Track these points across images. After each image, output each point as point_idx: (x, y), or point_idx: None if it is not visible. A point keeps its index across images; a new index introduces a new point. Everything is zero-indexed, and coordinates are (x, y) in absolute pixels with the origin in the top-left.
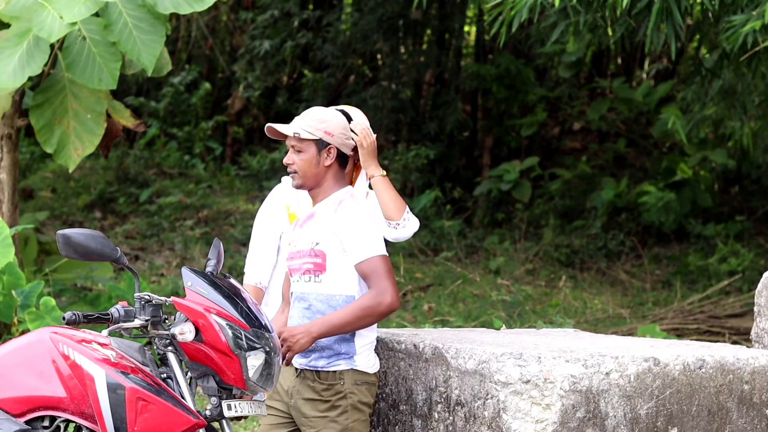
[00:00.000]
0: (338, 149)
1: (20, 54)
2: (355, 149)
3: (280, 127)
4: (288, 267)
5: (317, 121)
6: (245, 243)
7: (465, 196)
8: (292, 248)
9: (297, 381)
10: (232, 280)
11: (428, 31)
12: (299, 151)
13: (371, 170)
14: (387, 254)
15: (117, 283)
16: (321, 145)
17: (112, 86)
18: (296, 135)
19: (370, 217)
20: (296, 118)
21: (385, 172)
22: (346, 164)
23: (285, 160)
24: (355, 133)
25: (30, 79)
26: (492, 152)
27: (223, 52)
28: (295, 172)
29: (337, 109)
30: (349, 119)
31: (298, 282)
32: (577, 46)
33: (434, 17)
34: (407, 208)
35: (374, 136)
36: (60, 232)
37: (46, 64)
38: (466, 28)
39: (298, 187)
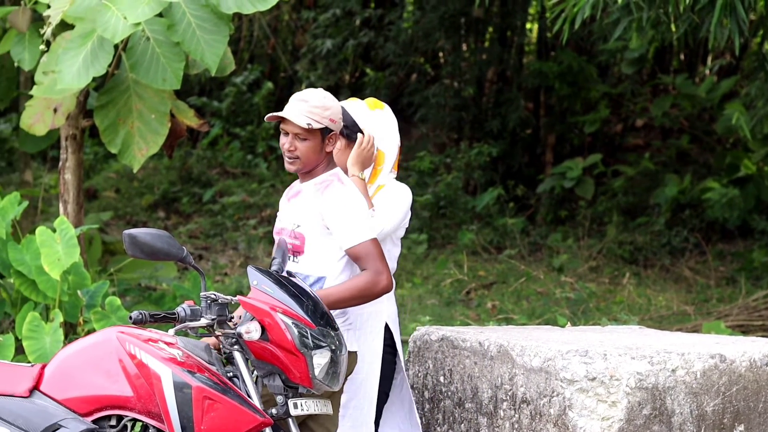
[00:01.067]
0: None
1: (84, 55)
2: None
3: (293, 117)
4: (276, 239)
5: (321, 109)
6: None
7: (528, 193)
8: (280, 223)
9: None
10: (297, 279)
11: (490, 29)
12: (304, 139)
13: (354, 170)
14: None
15: (181, 282)
16: (325, 132)
17: (176, 86)
18: (309, 126)
19: (359, 201)
20: (295, 105)
21: (364, 177)
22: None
23: (287, 146)
24: (361, 132)
25: (94, 79)
26: (555, 149)
27: (285, 51)
28: (297, 158)
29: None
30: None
31: None
32: (640, 42)
33: (496, 14)
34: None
35: (375, 150)
36: (126, 231)
37: (110, 65)
38: (528, 25)
39: (296, 170)
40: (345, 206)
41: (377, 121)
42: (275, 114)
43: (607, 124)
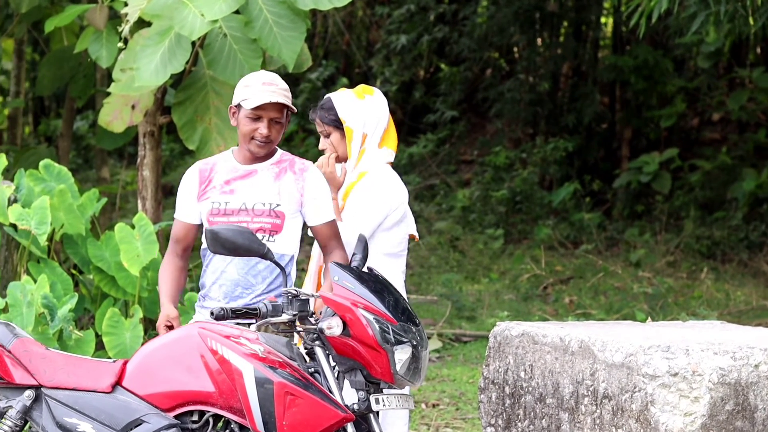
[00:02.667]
0: None
1: (162, 52)
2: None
3: (287, 102)
4: (227, 221)
5: (287, 91)
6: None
7: (604, 188)
8: (234, 203)
9: None
10: (378, 274)
11: (565, 23)
12: (278, 122)
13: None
14: None
15: None
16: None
17: None
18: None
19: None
20: (272, 89)
21: (334, 196)
22: None
23: (266, 132)
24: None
25: (172, 76)
26: (631, 144)
27: (359, 47)
28: (270, 142)
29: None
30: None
31: None
32: (717, 36)
33: (571, 9)
34: None
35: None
36: (208, 228)
37: (187, 62)
38: (603, 20)
39: (263, 154)
40: (324, 186)
41: (365, 109)
42: (277, 101)
43: (683, 118)
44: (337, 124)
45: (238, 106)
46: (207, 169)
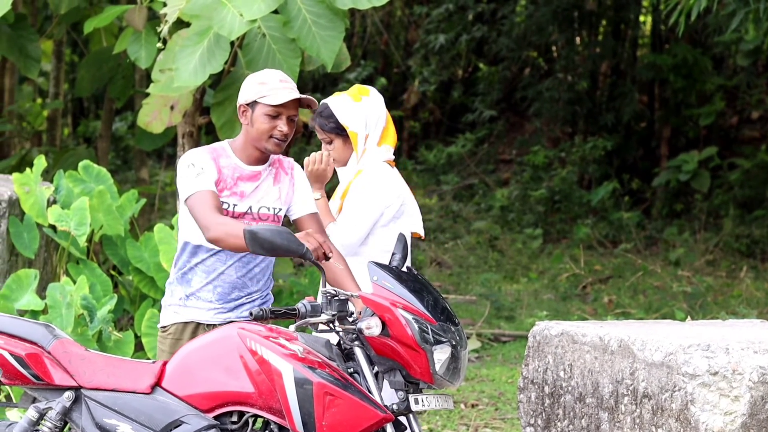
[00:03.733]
0: None
1: (201, 52)
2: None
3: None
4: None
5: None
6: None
7: (643, 187)
8: (255, 205)
9: None
10: (418, 274)
11: (603, 22)
12: (292, 121)
13: (312, 189)
14: None
15: (298, 278)
16: None
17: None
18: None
19: None
20: (290, 86)
21: (323, 196)
22: None
23: (286, 130)
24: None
25: (210, 77)
26: (670, 143)
27: (398, 46)
28: (286, 141)
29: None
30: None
31: None
32: (756, 33)
33: (609, 7)
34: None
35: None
36: (247, 228)
37: (226, 62)
38: (642, 18)
39: (278, 153)
40: (306, 180)
41: (364, 110)
42: (304, 96)
43: (722, 117)
44: (339, 131)
45: (252, 103)
46: (216, 159)
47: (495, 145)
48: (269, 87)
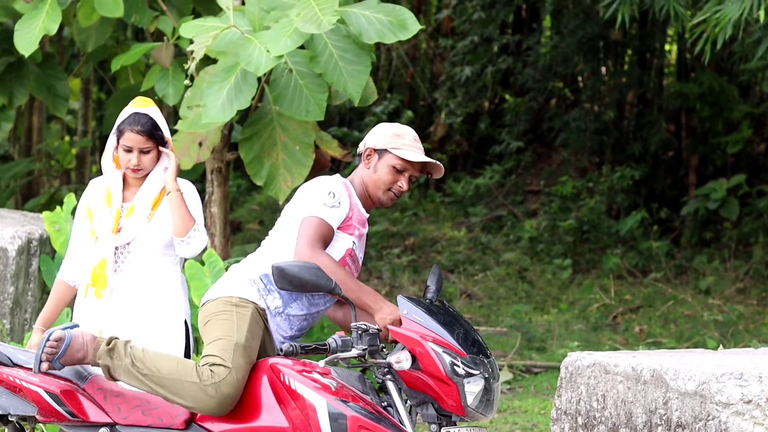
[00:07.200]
0: None
1: (228, 88)
2: None
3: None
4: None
5: None
6: (453, 269)
7: (672, 216)
8: (359, 252)
9: None
10: (449, 306)
11: (629, 51)
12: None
13: (175, 185)
14: None
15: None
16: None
17: (320, 117)
18: None
19: None
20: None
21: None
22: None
23: (405, 187)
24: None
25: (238, 112)
26: (698, 171)
27: (423, 79)
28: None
29: None
30: None
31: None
32: None
33: (635, 37)
34: (194, 226)
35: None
36: (275, 264)
37: (253, 98)
38: (667, 47)
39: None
40: None
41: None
42: (434, 161)
43: (750, 144)
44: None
45: (382, 151)
46: (351, 196)
47: (523, 176)
48: (404, 141)
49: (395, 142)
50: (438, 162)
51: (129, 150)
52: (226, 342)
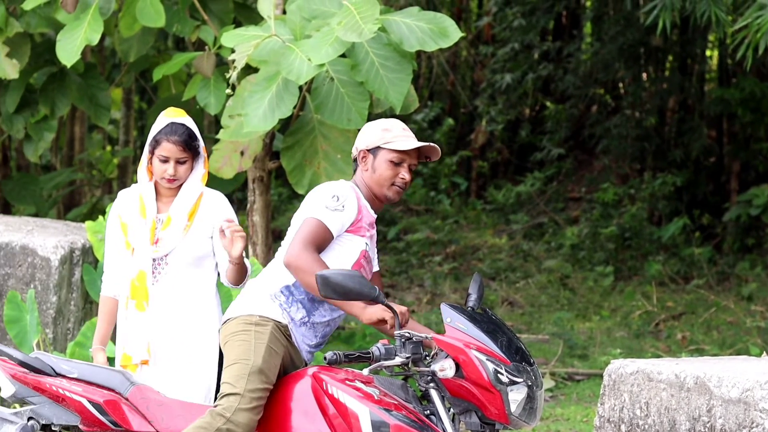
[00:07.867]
0: None
1: (270, 97)
2: None
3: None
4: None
5: None
6: (494, 277)
7: (714, 222)
8: (372, 253)
9: None
10: (492, 314)
11: (670, 57)
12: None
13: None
14: None
15: None
16: None
17: (361, 125)
18: None
19: None
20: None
21: None
22: None
23: (408, 178)
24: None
25: (279, 121)
26: (739, 177)
27: (464, 87)
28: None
29: None
30: None
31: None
32: None
33: (675, 43)
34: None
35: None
36: (319, 273)
37: (295, 107)
38: (708, 53)
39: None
40: None
41: None
42: (430, 144)
43: None
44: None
45: (375, 149)
46: (359, 199)
47: (564, 183)
48: (393, 134)
49: (385, 137)
50: (433, 144)
51: (165, 160)
52: (241, 367)
